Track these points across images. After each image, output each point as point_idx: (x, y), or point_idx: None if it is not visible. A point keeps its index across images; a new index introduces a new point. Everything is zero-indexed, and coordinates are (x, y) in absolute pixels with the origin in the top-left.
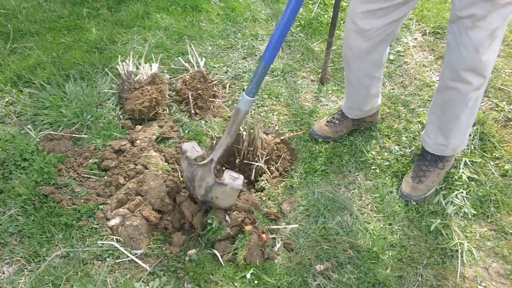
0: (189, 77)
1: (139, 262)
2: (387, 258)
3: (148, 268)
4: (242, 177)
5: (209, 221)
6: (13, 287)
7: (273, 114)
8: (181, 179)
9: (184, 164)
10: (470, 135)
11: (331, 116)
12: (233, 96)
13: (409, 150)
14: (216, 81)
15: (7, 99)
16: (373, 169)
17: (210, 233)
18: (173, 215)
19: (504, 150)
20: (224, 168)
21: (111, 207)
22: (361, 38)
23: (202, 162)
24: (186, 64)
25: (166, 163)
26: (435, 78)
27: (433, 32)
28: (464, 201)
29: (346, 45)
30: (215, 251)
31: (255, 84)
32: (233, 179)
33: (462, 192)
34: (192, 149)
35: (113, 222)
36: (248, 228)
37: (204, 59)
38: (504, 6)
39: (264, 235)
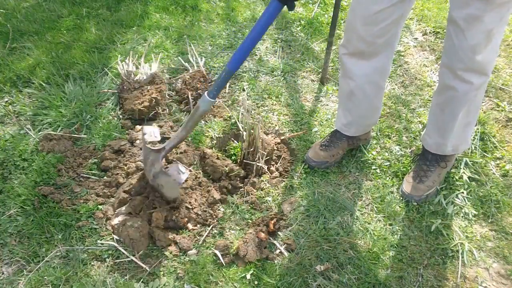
0: (189, 77)
1: (139, 262)
2: (387, 258)
3: (148, 269)
4: (188, 173)
5: None
6: (13, 287)
7: (273, 114)
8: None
9: (142, 146)
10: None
11: (324, 140)
12: (233, 96)
13: (410, 150)
14: None
15: (6, 99)
16: (374, 169)
17: None
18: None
19: (505, 150)
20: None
21: (113, 206)
22: (364, 44)
23: (155, 148)
24: (186, 64)
25: None
26: (436, 78)
27: (433, 32)
28: (465, 201)
29: (347, 50)
30: (216, 251)
31: (217, 87)
32: (178, 172)
33: (462, 192)
34: (151, 133)
35: (116, 221)
36: (262, 236)
37: (204, 58)
38: (500, 6)
39: (262, 234)
